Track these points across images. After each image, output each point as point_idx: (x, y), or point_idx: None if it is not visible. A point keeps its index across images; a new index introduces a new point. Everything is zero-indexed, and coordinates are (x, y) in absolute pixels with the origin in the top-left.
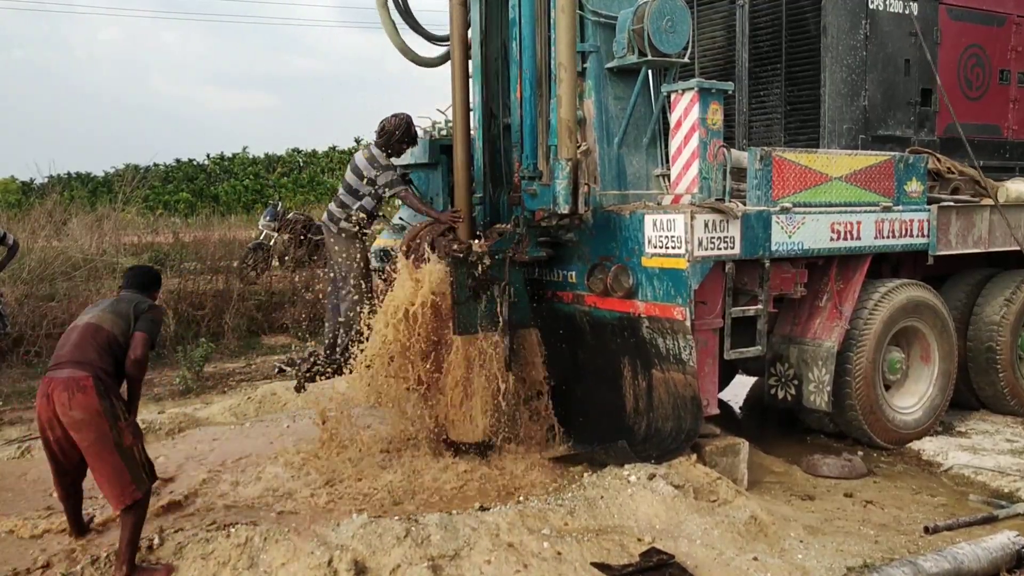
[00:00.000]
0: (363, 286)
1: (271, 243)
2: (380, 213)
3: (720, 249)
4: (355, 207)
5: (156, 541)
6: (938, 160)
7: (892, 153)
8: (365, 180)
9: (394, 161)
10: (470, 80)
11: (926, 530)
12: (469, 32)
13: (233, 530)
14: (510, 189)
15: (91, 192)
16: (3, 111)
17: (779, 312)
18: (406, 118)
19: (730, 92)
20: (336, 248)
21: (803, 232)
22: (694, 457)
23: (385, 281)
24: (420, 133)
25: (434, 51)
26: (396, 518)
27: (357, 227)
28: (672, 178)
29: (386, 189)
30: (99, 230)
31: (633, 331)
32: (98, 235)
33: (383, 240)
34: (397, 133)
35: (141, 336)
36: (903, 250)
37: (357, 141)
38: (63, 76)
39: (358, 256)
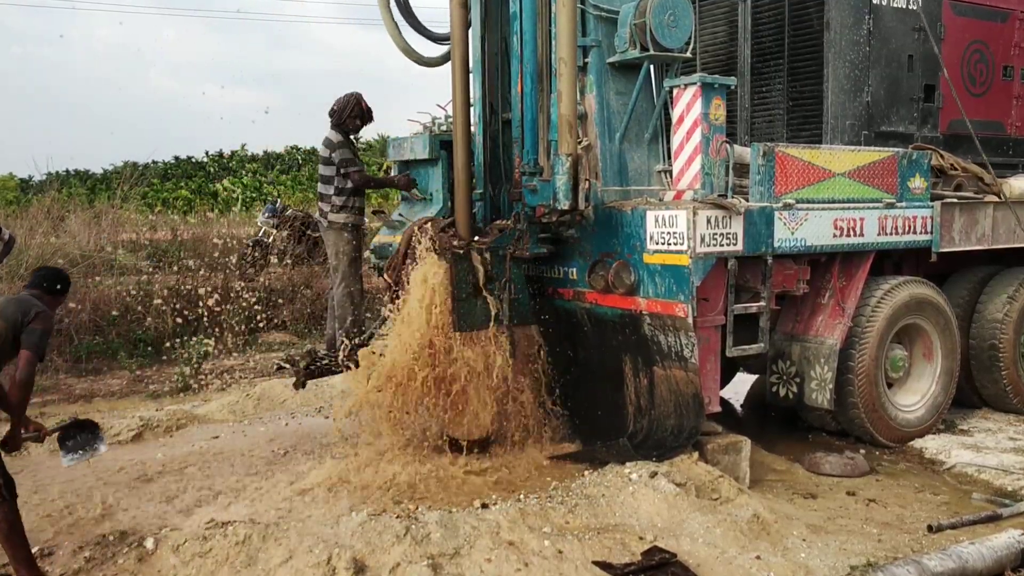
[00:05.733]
0: (350, 278)
1: (270, 240)
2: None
3: (722, 245)
4: (333, 193)
5: (151, 543)
6: (941, 156)
7: (895, 149)
8: (328, 164)
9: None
10: (470, 75)
11: (929, 529)
12: (469, 32)
13: (231, 528)
14: (511, 185)
15: (89, 189)
16: (1, 108)
17: (781, 309)
18: (355, 95)
19: (733, 87)
20: (327, 241)
21: (806, 229)
22: (696, 455)
23: (384, 279)
24: (419, 129)
25: (435, 50)
26: (396, 516)
27: (342, 213)
28: (674, 174)
29: (342, 167)
30: (97, 227)
31: (634, 328)
32: (96, 232)
33: (382, 237)
34: (347, 109)
35: (27, 356)
36: (906, 247)
37: (356, 138)
38: (61, 73)
39: (345, 248)
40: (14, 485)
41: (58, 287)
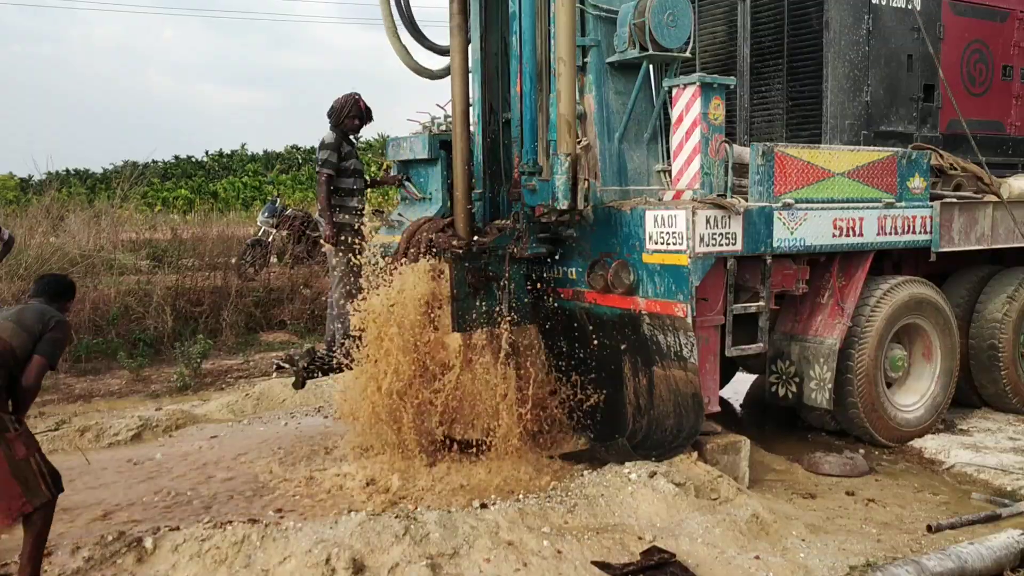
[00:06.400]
0: (349, 278)
1: (269, 239)
2: (358, 187)
3: (722, 245)
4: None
5: (150, 543)
6: (941, 156)
7: (895, 149)
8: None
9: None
10: (470, 75)
11: (929, 528)
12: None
13: (230, 528)
14: (510, 185)
15: (89, 188)
16: (1, 107)
17: (780, 309)
18: (354, 94)
19: (732, 87)
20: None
21: (805, 228)
22: (695, 455)
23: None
24: (419, 128)
25: (440, 61)
26: (395, 516)
27: (341, 213)
28: (673, 174)
29: (317, 165)
30: (96, 226)
31: (634, 328)
32: (96, 231)
33: (382, 236)
34: (345, 109)
35: (39, 361)
36: (905, 247)
37: (356, 138)
38: (61, 72)
39: (344, 248)
40: (60, 479)
41: (62, 294)
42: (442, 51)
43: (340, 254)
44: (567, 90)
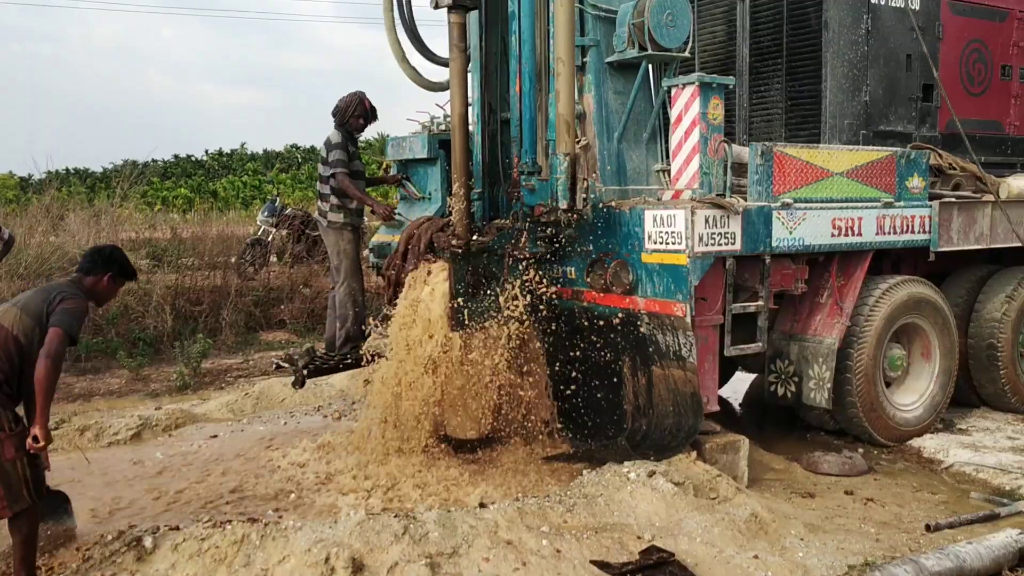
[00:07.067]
0: (352, 277)
1: (269, 239)
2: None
3: (721, 245)
4: (331, 193)
5: (150, 542)
6: (940, 156)
7: (894, 149)
8: (327, 164)
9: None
10: (469, 75)
11: (927, 528)
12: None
13: (230, 527)
14: (509, 184)
15: (89, 188)
16: (1, 107)
17: (779, 309)
18: (358, 94)
19: (731, 87)
20: (327, 241)
21: (804, 228)
22: (694, 454)
23: (383, 277)
24: (418, 128)
25: (441, 73)
26: (394, 515)
27: (341, 212)
28: (672, 173)
29: (330, 167)
30: (96, 226)
31: (633, 327)
32: (95, 230)
33: (381, 236)
34: (350, 109)
35: (55, 332)
36: (904, 246)
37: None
38: (61, 71)
39: (346, 247)
40: (43, 484)
41: (95, 267)
42: (444, 63)
43: (343, 253)
44: (566, 90)
